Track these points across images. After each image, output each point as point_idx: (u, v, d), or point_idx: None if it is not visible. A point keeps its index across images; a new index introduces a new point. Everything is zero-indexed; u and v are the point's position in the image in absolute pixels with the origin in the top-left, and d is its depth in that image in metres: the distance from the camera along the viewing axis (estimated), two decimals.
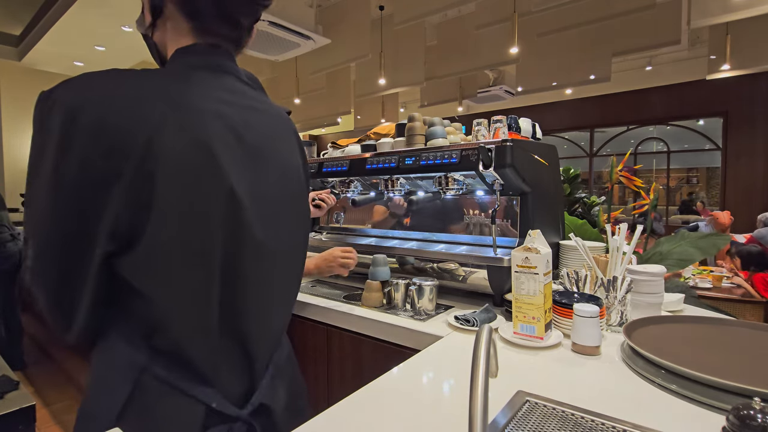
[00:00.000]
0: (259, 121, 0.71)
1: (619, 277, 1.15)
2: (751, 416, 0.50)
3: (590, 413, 0.73)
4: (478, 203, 1.58)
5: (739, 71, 4.01)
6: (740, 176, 6.83)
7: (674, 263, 1.61)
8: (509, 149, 1.31)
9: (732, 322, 1.07)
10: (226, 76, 0.70)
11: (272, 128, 0.74)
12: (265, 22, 3.14)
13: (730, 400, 0.71)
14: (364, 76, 4.89)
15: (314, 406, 0.80)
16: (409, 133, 1.62)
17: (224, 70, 0.71)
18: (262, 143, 0.70)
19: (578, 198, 4.24)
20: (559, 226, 1.64)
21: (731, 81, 5.94)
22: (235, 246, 0.64)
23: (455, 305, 1.44)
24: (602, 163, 8.31)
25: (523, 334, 1.05)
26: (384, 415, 0.75)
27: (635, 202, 1.91)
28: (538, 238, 1.06)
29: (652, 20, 3.59)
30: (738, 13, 2.94)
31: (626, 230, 1.21)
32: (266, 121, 0.73)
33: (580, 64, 4.22)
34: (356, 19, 3.90)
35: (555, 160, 1.64)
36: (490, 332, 0.51)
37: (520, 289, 1.04)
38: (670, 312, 1.34)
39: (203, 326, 0.63)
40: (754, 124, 6.64)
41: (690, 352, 0.91)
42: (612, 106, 7.77)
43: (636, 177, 1.80)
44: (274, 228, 0.71)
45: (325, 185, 1.98)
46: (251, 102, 0.72)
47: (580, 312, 0.99)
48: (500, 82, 5.27)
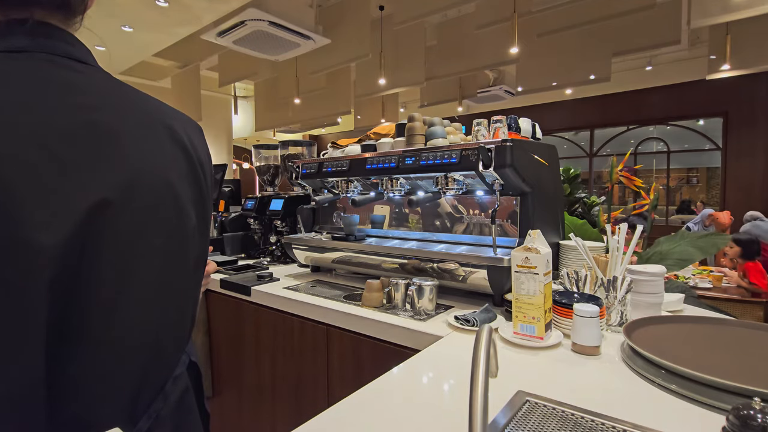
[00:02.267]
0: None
1: (619, 277, 1.15)
2: (751, 416, 0.50)
3: (590, 413, 0.73)
4: (478, 203, 1.58)
5: (739, 71, 4.01)
6: (740, 176, 6.83)
7: (674, 263, 1.61)
8: (509, 149, 1.31)
9: (732, 322, 1.07)
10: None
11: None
12: (265, 22, 3.14)
13: (730, 400, 0.71)
14: (364, 76, 4.89)
15: (314, 406, 0.80)
16: (409, 133, 1.62)
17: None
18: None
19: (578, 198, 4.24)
20: (559, 226, 1.64)
21: (731, 81, 5.95)
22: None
23: (455, 305, 1.44)
24: (602, 163, 8.31)
25: (523, 334, 1.05)
26: (384, 415, 0.75)
27: (635, 202, 1.91)
28: (538, 238, 1.06)
29: (652, 20, 3.60)
30: (738, 13, 2.95)
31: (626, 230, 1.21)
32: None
33: (580, 64, 4.23)
34: (356, 19, 3.91)
35: (555, 160, 1.64)
36: (490, 332, 0.51)
37: (520, 289, 1.04)
38: (670, 312, 1.34)
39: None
40: (754, 124, 6.64)
41: (690, 352, 0.91)
42: (612, 106, 7.78)
43: (636, 177, 1.80)
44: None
45: (326, 185, 1.98)
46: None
47: (580, 312, 0.99)
48: (500, 82, 5.27)
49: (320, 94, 5.42)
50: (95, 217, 0.46)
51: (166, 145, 0.56)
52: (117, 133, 0.50)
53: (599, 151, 8.34)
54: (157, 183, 0.53)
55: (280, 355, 1.65)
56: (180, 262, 0.58)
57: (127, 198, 0.49)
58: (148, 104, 0.57)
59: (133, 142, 0.52)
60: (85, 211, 0.45)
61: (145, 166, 0.52)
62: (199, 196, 0.61)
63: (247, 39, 3.44)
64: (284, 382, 1.64)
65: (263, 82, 5.96)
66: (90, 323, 0.48)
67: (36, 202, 0.42)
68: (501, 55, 4.12)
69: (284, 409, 1.65)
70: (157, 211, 0.53)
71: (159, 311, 0.55)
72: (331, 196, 1.94)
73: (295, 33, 3.38)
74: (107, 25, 4.58)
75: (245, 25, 3.21)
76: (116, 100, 0.53)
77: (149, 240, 0.52)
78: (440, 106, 5.73)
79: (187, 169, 0.59)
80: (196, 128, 0.65)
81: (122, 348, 0.51)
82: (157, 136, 0.55)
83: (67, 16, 0.55)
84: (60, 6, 0.53)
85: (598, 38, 4.03)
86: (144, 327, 0.53)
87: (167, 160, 0.55)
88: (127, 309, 0.51)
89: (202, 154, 0.63)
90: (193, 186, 0.59)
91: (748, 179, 6.75)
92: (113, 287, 0.49)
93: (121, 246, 0.49)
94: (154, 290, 0.54)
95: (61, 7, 0.53)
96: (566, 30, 3.68)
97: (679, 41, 3.59)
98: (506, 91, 5.32)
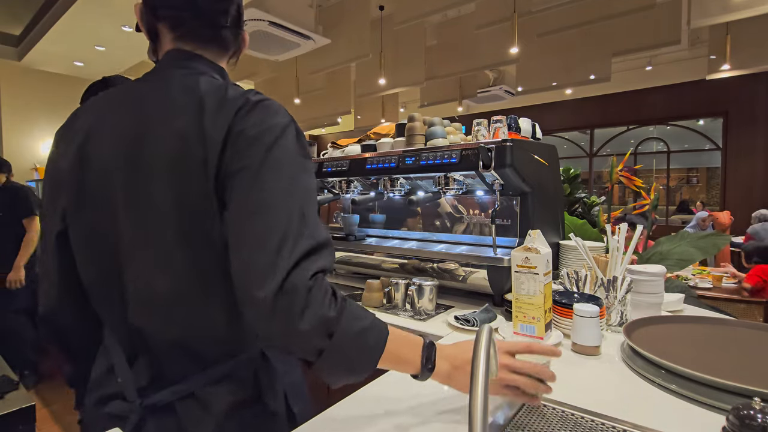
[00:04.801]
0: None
1: (619, 277, 1.15)
2: (751, 416, 0.50)
3: (590, 413, 0.73)
4: (478, 203, 1.58)
5: (739, 71, 4.01)
6: (740, 176, 6.83)
7: (674, 263, 1.61)
8: (509, 149, 1.31)
9: (732, 322, 1.07)
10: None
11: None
12: (265, 22, 3.14)
13: (730, 400, 0.71)
14: (364, 76, 4.89)
15: (314, 406, 0.80)
16: (409, 133, 1.62)
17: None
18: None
19: (578, 198, 4.23)
20: (559, 226, 1.64)
21: (731, 81, 5.95)
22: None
23: (455, 305, 1.44)
24: (602, 163, 8.31)
25: (523, 334, 1.05)
26: (384, 415, 0.75)
27: (635, 202, 1.91)
28: (538, 238, 1.06)
29: (652, 20, 3.60)
30: (738, 13, 2.94)
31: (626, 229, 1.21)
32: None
33: (580, 64, 4.23)
34: (356, 19, 3.90)
35: (555, 160, 1.64)
36: (490, 332, 0.51)
37: (520, 289, 1.04)
38: (670, 312, 1.34)
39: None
40: (754, 124, 6.64)
41: (690, 352, 0.91)
42: (612, 106, 7.78)
43: (636, 177, 1.80)
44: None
45: (326, 185, 1.98)
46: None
47: (580, 312, 0.99)
48: (500, 82, 5.27)
49: (320, 94, 5.42)
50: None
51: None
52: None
53: (599, 151, 8.34)
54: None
55: None
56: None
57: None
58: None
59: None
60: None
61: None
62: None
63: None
64: None
65: (263, 82, 5.96)
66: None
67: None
68: (501, 55, 4.11)
69: None
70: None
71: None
72: (331, 196, 1.94)
73: (295, 33, 3.38)
74: (107, 25, 4.58)
75: (245, 25, 3.21)
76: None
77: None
78: (440, 106, 5.72)
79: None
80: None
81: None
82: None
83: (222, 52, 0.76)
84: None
85: (598, 38, 4.02)
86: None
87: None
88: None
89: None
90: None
91: (748, 179, 6.75)
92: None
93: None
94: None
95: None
96: (566, 30, 3.68)
97: (679, 41, 3.58)
98: (506, 91, 5.31)
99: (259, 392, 0.69)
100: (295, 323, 0.54)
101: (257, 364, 0.70)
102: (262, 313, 0.54)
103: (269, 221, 0.56)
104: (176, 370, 0.65)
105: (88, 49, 5.24)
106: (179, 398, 0.64)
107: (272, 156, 0.59)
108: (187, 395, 0.64)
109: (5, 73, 5.88)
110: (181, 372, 0.65)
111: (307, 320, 0.55)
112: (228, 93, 0.63)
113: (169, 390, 0.64)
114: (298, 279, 0.55)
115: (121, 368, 0.66)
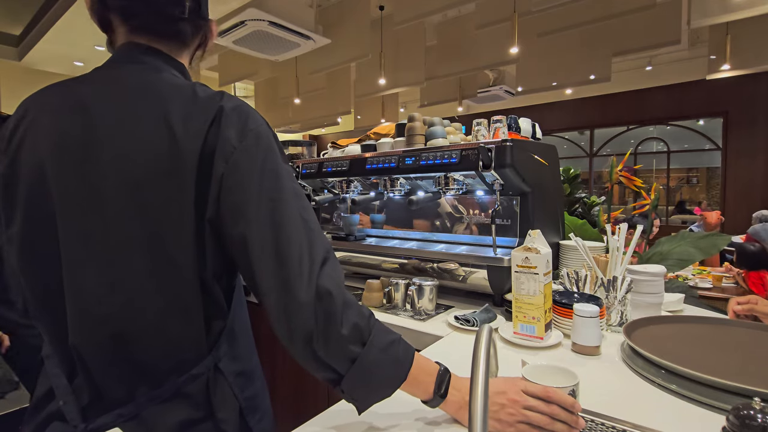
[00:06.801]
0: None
1: (619, 277, 1.15)
2: (751, 416, 0.50)
3: (590, 413, 0.73)
4: (478, 203, 1.58)
5: (739, 71, 4.01)
6: (740, 176, 6.83)
7: (674, 263, 1.61)
8: (509, 149, 1.31)
9: (732, 322, 1.07)
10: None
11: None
12: (264, 22, 3.14)
13: (730, 400, 0.71)
14: (364, 76, 4.89)
15: (314, 406, 0.79)
16: (409, 133, 1.62)
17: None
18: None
19: (578, 198, 4.23)
20: (559, 226, 1.64)
21: (731, 81, 5.94)
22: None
23: (455, 305, 1.44)
24: (602, 163, 8.31)
25: (523, 334, 1.05)
26: (384, 415, 0.75)
27: (635, 202, 1.91)
28: (538, 238, 1.06)
29: (652, 20, 3.60)
30: (738, 13, 2.94)
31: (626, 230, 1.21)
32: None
33: (580, 64, 4.23)
34: (356, 19, 3.90)
35: (555, 160, 1.64)
36: (490, 332, 0.51)
37: (520, 289, 1.04)
38: (670, 312, 1.34)
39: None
40: (754, 124, 6.64)
41: (690, 352, 0.91)
42: (612, 106, 7.78)
43: (636, 177, 1.79)
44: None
45: (326, 185, 1.98)
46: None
47: (580, 312, 0.99)
48: (500, 82, 5.26)
49: (320, 94, 5.41)
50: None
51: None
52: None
53: (599, 151, 8.34)
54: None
55: (280, 355, 1.65)
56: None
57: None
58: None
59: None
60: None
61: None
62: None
63: (247, 39, 3.44)
64: (284, 382, 1.64)
65: (263, 82, 5.96)
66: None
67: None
68: (501, 55, 4.11)
69: (284, 409, 1.65)
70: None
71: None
72: (331, 196, 1.94)
73: (295, 33, 3.38)
74: None
75: (245, 25, 3.21)
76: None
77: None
78: (440, 106, 5.72)
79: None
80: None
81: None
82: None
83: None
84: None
85: (598, 38, 4.02)
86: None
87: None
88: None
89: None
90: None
91: (748, 179, 6.75)
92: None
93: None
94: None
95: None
96: (566, 30, 3.68)
97: (679, 41, 3.58)
98: (506, 91, 5.31)
99: (211, 409, 0.62)
100: (337, 327, 0.56)
101: (209, 379, 0.62)
102: (306, 318, 0.55)
103: (284, 236, 0.57)
104: (121, 390, 0.60)
105: (88, 49, 5.24)
106: (124, 421, 0.59)
107: (267, 168, 0.59)
108: (132, 417, 0.59)
109: (5, 73, 5.88)
110: (126, 391, 0.60)
111: (346, 325, 0.56)
112: (197, 95, 0.60)
113: (114, 413, 0.59)
114: (330, 284, 0.56)
115: (60, 389, 0.60)
